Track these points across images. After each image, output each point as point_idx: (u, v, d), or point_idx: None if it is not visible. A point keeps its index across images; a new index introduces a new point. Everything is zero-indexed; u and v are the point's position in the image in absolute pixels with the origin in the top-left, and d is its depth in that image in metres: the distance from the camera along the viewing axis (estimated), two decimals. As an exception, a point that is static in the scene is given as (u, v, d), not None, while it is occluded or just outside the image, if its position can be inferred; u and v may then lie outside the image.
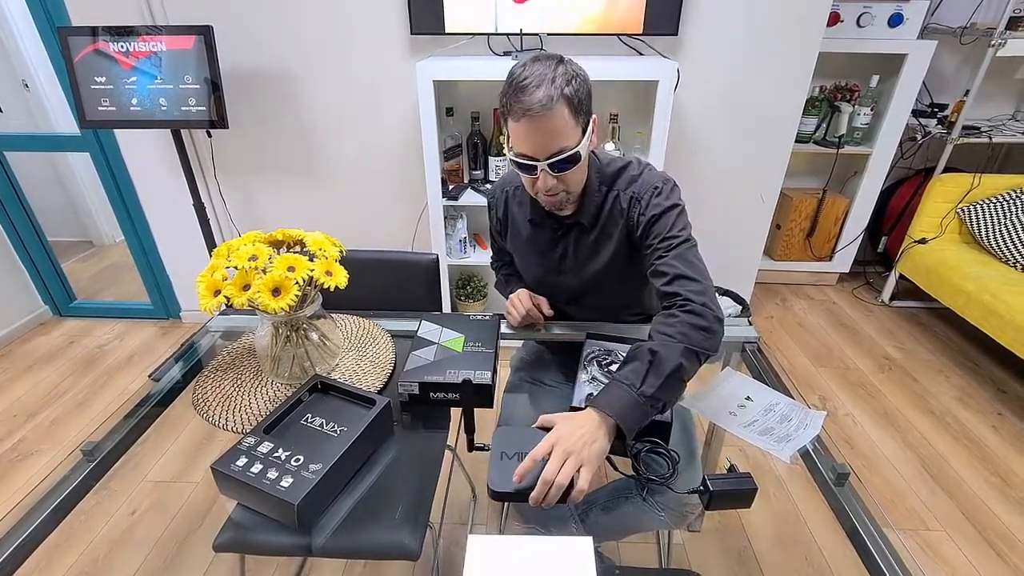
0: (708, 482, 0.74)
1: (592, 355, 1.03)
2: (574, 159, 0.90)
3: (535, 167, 0.90)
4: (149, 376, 1.06)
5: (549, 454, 0.71)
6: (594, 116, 0.93)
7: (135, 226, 2.33)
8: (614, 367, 0.99)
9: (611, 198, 1.02)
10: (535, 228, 1.11)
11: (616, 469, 0.85)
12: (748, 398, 0.95)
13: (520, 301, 1.12)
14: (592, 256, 1.07)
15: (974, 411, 1.95)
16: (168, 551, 1.41)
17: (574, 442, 0.72)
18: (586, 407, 0.79)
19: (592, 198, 1.02)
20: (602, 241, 1.05)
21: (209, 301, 0.83)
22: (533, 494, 0.71)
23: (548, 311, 1.13)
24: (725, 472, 0.78)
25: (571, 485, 0.71)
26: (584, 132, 0.90)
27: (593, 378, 0.97)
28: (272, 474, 0.74)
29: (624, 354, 1.01)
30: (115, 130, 2.10)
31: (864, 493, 0.80)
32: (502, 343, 1.07)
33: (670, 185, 1.00)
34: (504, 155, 2.02)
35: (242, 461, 0.76)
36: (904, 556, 0.71)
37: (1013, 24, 2.08)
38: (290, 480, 0.73)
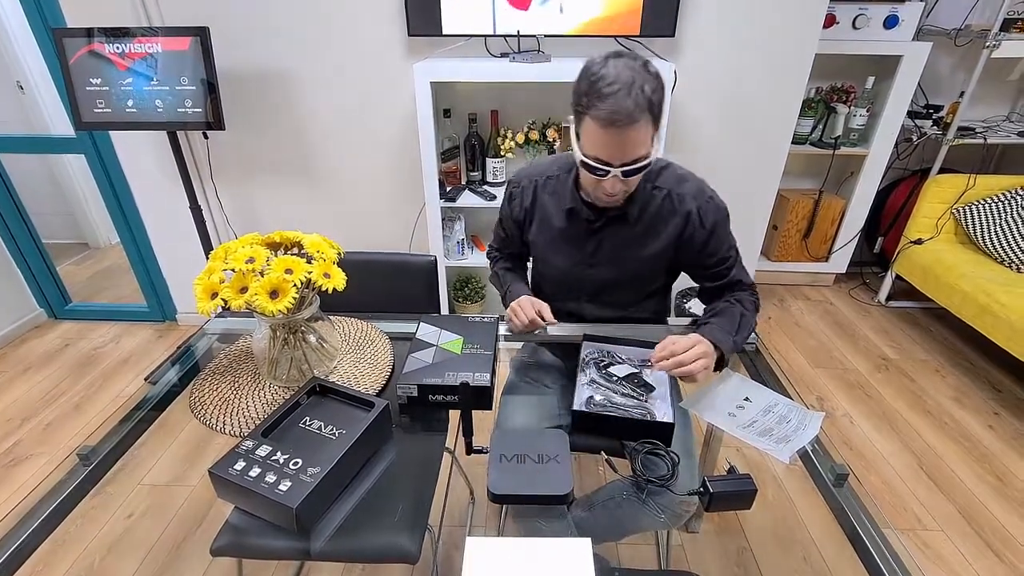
0: (708, 483, 0.74)
1: (591, 357, 1.03)
2: (646, 166, 0.92)
3: (607, 171, 0.90)
4: (145, 379, 1.06)
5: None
6: None
7: (131, 228, 2.32)
8: (612, 368, 0.99)
9: (659, 195, 1.05)
10: (571, 218, 1.10)
11: (615, 471, 0.85)
12: (747, 399, 0.95)
13: (523, 309, 1.09)
14: (632, 249, 1.09)
15: (970, 410, 1.96)
16: (165, 555, 1.40)
17: (709, 351, 0.94)
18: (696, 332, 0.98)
19: (639, 193, 1.03)
20: (648, 236, 1.07)
21: (206, 304, 0.83)
22: (662, 354, 0.92)
23: (550, 318, 1.10)
24: (725, 473, 0.78)
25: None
26: (655, 138, 0.91)
27: (592, 380, 0.97)
28: (270, 478, 0.74)
29: (622, 356, 1.03)
30: (111, 132, 2.09)
31: (863, 493, 0.81)
32: (501, 345, 1.07)
33: (710, 191, 1.08)
34: (502, 156, 2.03)
35: (240, 465, 0.76)
36: (904, 557, 0.71)
37: (1007, 26, 2.09)
38: (288, 484, 0.73)
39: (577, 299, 1.18)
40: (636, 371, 0.98)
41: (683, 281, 1.22)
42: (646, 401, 0.93)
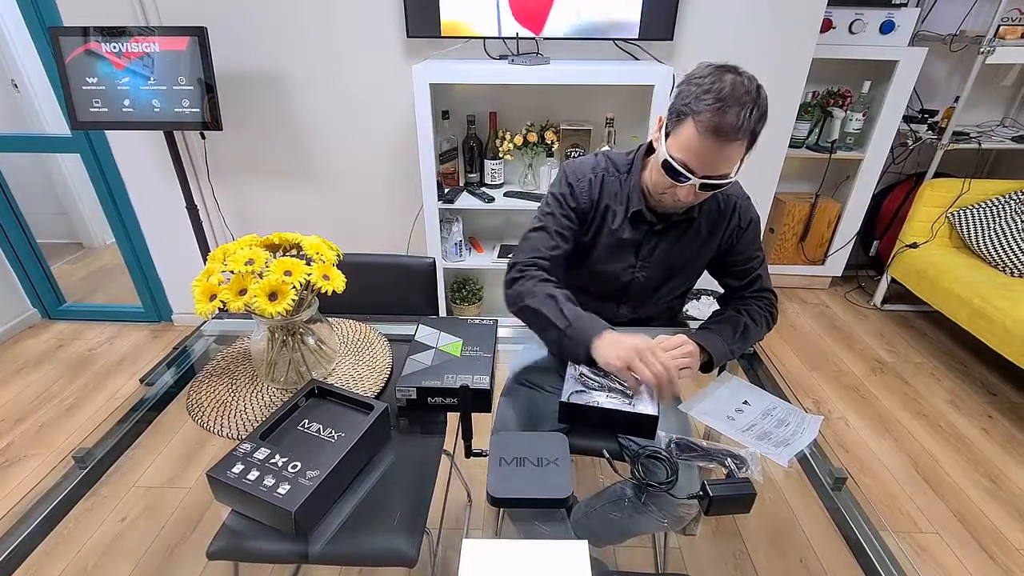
0: (708, 487, 0.74)
1: None
2: (724, 186, 0.93)
3: (688, 179, 0.90)
4: (140, 381, 1.05)
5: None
6: None
7: (126, 228, 2.31)
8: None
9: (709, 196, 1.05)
10: (634, 223, 1.07)
11: (615, 471, 0.85)
12: (745, 402, 0.96)
13: (657, 358, 0.86)
14: (687, 251, 1.10)
15: (965, 414, 1.97)
16: (159, 558, 1.38)
17: (693, 351, 0.94)
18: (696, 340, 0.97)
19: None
20: (704, 238, 1.09)
21: (205, 306, 0.82)
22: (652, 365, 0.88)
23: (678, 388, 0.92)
24: (724, 477, 0.78)
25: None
26: (741, 164, 0.91)
27: (581, 374, 0.97)
28: (269, 481, 0.73)
29: None
30: (107, 131, 2.08)
31: (860, 496, 0.81)
32: (499, 346, 1.06)
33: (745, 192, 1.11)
34: (501, 158, 2.03)
35: (238, 468, 0.75)
36: (900, 559, 0.71)
37: (1002, 32, 2.11)
38: (287, 487, 0.73)
39: (614, 301, 1.17)
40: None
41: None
42: (633, 395, 0.93)
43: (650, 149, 1.06)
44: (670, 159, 0.90)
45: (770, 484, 1.60)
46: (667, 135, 0.92)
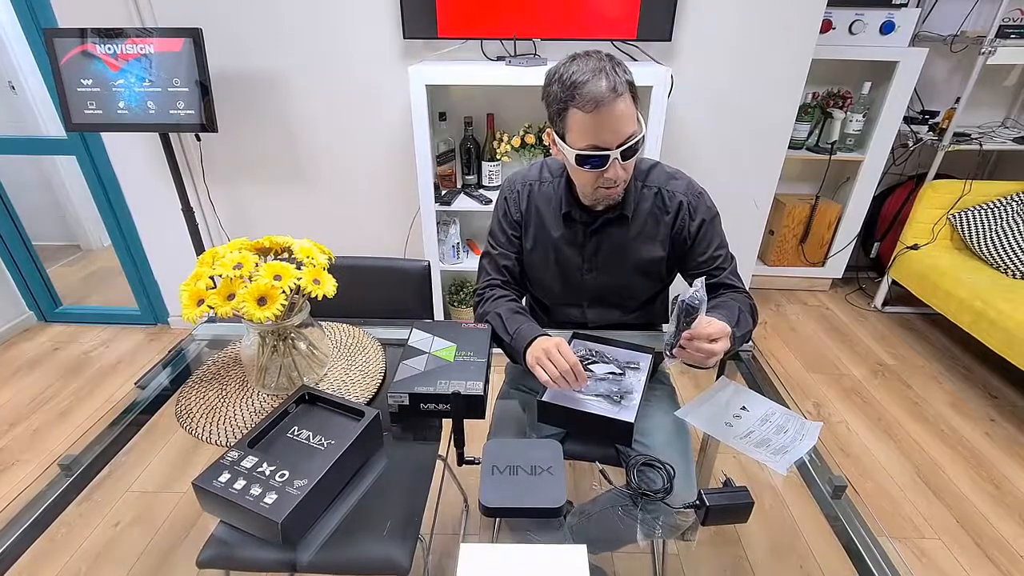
0: (704, 497, 0.73)
1: (577, 354, 1.01)
2: (640, 144, 0.92)
3: (607, 158, 0.90)
4: (135, 384, 1.04)
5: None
6: None
7: (122, 231, 2.30)
8: (593, 367, 0.99)
9: (648, 193, 1.05)
10: (568, 223, 1.09)
11: (610, 483, 0.84)
12: (744, 408, 0.94)
13: (563, 354, 0.89)
14: (629, 250, 1.08)
15: (967, 417, 1.96)
16: (152, 564, 1.38)
17: (728, 332, 0.86)
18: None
19: (631, 192, 1.04)
20: (644, 236, 1.07)
21: (192, 311, 0.81)
22: (694, 346, 0.83)
23: (582, 374, 0.91)
24: (721, 486, 0.76)
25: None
26: (639, 116, 0.92)
27: None
28: (256, 490, 0.72)
29: (608, 356, 1.03)
30: (102, 133, 2.07)
31: (859, 502, 0.80)
32: (495, 351, 1.05)
33: (700, 188, 1.08)
34: (498, 159, 2.02)
35: (225, 477, 0.74)
36: (900, 568, 0.70)
37: (1003, 32, 2.09)
38: (274, 496, 0.71)
39: (579, 305, 1.17)
40: (618, 372, 0.97)
41: (678, 287, 1.21)
42: (620, 401, 0.92)
43: None
44: (580, 152, 0.91)
45: (769, 491, 1.58)
46: (563, 138, 0.93)
